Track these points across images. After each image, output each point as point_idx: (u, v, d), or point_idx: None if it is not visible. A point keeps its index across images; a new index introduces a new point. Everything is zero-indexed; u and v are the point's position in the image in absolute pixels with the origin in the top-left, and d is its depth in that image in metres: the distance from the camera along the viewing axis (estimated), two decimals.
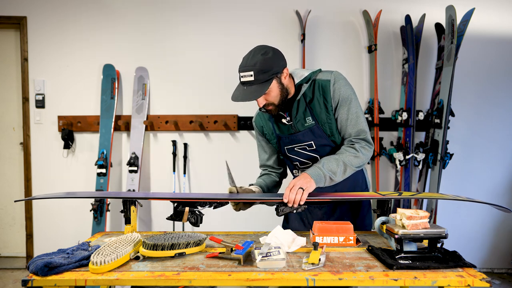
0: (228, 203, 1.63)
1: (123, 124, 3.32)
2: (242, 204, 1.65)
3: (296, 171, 1.79)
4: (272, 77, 1.53)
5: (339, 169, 1.58)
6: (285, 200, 1.50)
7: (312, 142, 1.66)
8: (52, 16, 3.33)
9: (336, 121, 1.66)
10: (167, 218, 1.58)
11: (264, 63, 1.52)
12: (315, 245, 1.33)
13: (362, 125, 1.64)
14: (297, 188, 1.49)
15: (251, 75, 1.51)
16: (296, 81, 1.65)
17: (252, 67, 1.51)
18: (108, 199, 3.24)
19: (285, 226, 1.88)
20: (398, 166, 3.25)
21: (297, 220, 1.85)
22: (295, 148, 1.71)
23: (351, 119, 1.63)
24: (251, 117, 3.33)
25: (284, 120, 1.68)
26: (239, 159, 3.35)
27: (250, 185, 1.77)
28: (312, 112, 1.64)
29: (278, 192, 1.86)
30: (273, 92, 1.57)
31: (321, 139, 1.66)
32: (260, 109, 1.67)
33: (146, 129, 3.32)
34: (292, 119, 1.67)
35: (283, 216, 1.88)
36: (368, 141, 1.65)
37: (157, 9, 3.33)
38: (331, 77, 1.63)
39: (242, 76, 1.53)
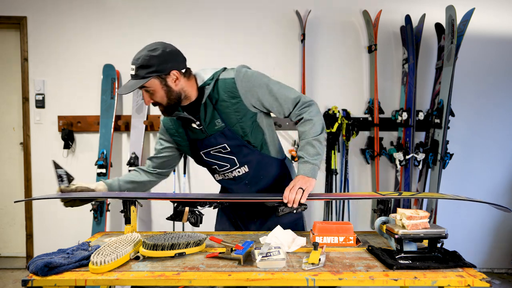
0: (228, 203, 1.62)
1: (123, 124, 3.32)
2: (73, 201, 1.59)
3: (217, 175, 1.73)
4: (150, 76, 1.48)
5: (318, 148, 1.56)
6: (285, 200, 1.48)
7: (225, 144, 1.61)
8: (52, 16, 3.33)
9: (269, 111, 1.62)
10: (167, 218, 1.58)
11: (145, 60, 1.48)
12: (315, 245, 1.33)
13: (292, 94, 1.59)
14: (296, 188, 1.48)
15: (133, 69, 1.50)
16: (199, 83, 1.60)
17: (135, 61, 1.49)
18: (108, 199, 3.23)
19: (217, 227, 1.87)
20: (398, 166, 3.25)
21: (228, 222, 1.83)
22: (211, 152, 1.65)
23: (280, 97, 1.58)
24: None
25: (194, 125, 1.61)
26: None
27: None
28: (220, 114, 1.58)
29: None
30: (158, 93, 1.53)
31: (234, 141, 1.60)
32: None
33: (146, 129, 3.32)
34: (201, 123, 1.61)
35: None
36: (306, 103, 1.59)
37: (157, 9, 3.33)
38: (235, 74, 1.58)
39: (131, 68, 1.52)
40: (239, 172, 1.67)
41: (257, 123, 1.61)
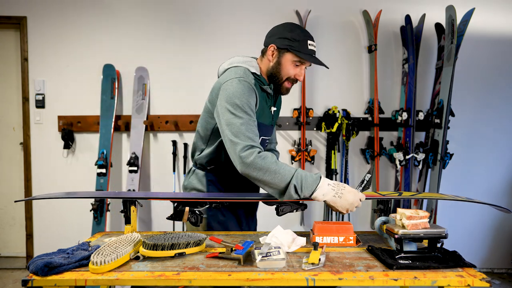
0: (228, 203, 1.62)
1: (123, 124, 3.32)
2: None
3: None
4: None
5: None
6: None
7: (269, 137, 1.69)
8: (52, 16, 3.33)
9: None
10: (167, 218, 1.58)
11: None
12: (315, 245, 1.33)
13: None
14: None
15: (315, 46, 1.59)
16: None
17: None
18: (108, 199, 3.23)
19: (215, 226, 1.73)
20: (398, 166, 3.25)
21: (233, 220, 1.74)
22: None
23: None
24: None
25: (273, 108, 1.63)
26: None
27: None
28: (277, 110, 1.71)
29: None
30: None
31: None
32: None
33: (146, 129, 3.32)
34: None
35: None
36: None
37: (157, 9, 3.33)
38: None
39: (312, 45, 1.57)
40: None
41: None
